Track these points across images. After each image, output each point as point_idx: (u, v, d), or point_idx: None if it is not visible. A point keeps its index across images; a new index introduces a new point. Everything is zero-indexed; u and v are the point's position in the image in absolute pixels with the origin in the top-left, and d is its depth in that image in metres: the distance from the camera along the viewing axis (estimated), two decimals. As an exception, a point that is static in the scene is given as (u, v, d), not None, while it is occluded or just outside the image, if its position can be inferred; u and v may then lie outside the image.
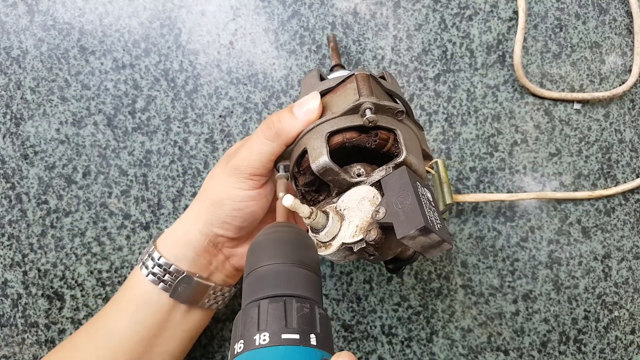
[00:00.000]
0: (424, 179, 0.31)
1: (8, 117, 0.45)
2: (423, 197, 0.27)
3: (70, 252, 0.44)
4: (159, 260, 0.34)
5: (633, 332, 0.44)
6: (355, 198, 0.29)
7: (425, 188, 0.28)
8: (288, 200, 0.26)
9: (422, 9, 0.46)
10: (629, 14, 0.46)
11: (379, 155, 0.31)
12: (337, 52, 0.42)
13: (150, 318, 0.34)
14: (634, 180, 0.45)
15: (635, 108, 0.46)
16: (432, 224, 0.25)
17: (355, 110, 0.30)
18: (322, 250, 0.29)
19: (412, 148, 0.30)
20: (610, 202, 0.45)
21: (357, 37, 0.45)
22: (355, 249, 0.28)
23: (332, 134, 0.30)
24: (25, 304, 0.44)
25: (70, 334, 0.42)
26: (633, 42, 0.46)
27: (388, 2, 0.46)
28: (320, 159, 0.29)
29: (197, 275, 0.35)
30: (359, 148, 0.31)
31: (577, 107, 0.46)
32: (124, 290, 0.36)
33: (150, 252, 0.35)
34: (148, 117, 0.45)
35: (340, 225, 0.29)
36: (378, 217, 0.27)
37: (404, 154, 0.29)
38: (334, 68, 0.40)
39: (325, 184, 0.32)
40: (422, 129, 0.36)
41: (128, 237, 0.44)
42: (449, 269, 0.45)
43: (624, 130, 0.46)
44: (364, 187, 0.29)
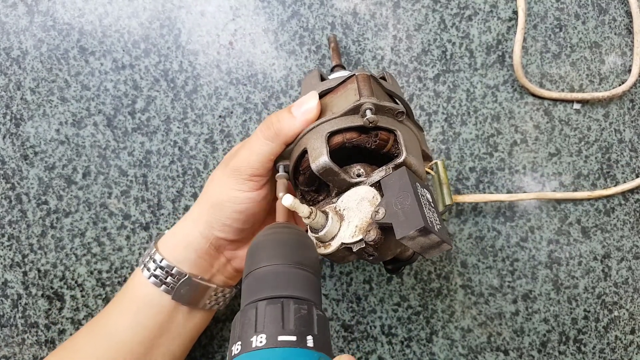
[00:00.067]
0: (424, 180, 0.31)
1: (8, 117, 0.45)
2: (422, 197, 0.27)
3: (70, 252, 0.44)
4: (161, 263, 0.34)
5: (633, 332, 0.44)
6: (355, 198, 0.29)
7: (425, 189, 0.28)
8: (287, 200, 0.26)
9: (421, 9, 0.46)
10: (629, 14, 0.46)
11: (379, 156, 0.31)
12: (337, 52, 0.42)
13: (152, 319, 0.34)
14: (634, 180, 0.45)
15: (635, 108, 0.46)
16: (431, 225, 0.25)
17: (356, 111, 0.30)
18: (321, 250, 0.29)
19: (412, 149, 0.30)
20: (610, 202, 0.45)
21: (356, 37, 0.45)
22: (355, 249, 0.28)
23: (332, 134, 0.30)
24: (25, 305, 0.44)
25: (71, 335, 0.42)
26: (633, 42, 0.46)
27: (388, 2, 0.46)
28: (320, 159, 0.29)
29: (198, 277, 0.35)
30: (359, 148, 0.31)
31: (576, 107, 0.46)
32: (125, 292, 0.36)
33: (152, 254, 0.35)
34: (148, 117, 0.45)
35: (340, 226, 0.29)
36: (377, 217, 0.27)
37: (404, 155, 0.29)
38: (335, 68, 0.40)
39: (325, 184, 0.32)
40: (422, 130, 0.36)
41: (128, 237, 0.44)
42: (449, 269, 0.45)
43: (624, 130, 0.46)
44: (364, 187, 0.29)
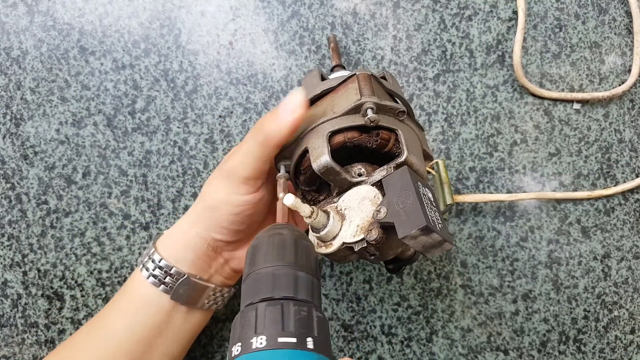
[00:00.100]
0: (425, 179, 0.31)
1: (8, 117, 0.45)
2: (424, 196, 0.27)
3: (70, 252, 0.44)
4: (160, 263, 0.34)
5: (633, 331, 0.44)
6: (356, 198, 0.29)
7: (427, 188, 0.28)
8: (289, 200, 0.26)
9: (421, 9, 0.46)
10: (629, 14, 0.46)
11: (380, 155, 0.31)
12: (337, 52, 0.42)
13: (151, 319, 0.34)
14: (634, 180, 0.45)
15: (635, 108, 0.46)
16: (433, 224, 0.25)
17: (357, 110, 0.30)
18: (322, 250, 0.29)
19: (413, 148, 0.30)
20: (610, 202, 0.45)
21: (356, 37, 0.45)
22: (356, 249, 0.28)
23: (333, 134, 0.30)
24: (25, 304, 0.44)
25: (70, 334, 0.42)
26: (632, 42, 0.46)
27: (387, 2, 0.46)
28: (322, 159, 0.29)
29: (197, 277, 0.35)
30: (360, 148, 0.31)
31: (576, 107, 0.46)
32: (124, 292, 0.36)
33: (151, 254, 0.35)
34: (148, 117, 0.45)
35: (341, 225, 0.29)
36: (379, 216, 0.26)
37: (405, 154, 0.29)
38: (335, 68, 0.40)
39: (326, 184, 0.32)
40: (422, 130, 0.36)
41: (128, 237, 0.44)
42: (449, 269, 0.45)
43: (624, 130, 0.46)
44: (365, 186, 0.29)
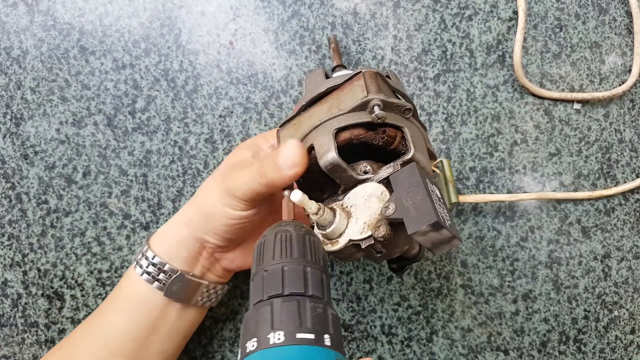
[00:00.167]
0: (431, 177, 0.31)
1: (8, 117, 0.45)
2: (432, 193, 0.26)
3: (70, 252, 0.44)
4: (153, 260, 0.34)
5: (633, 331, 0.44)
6: (363, 195, 0.29)
7: (434, 185, 0.28)
8: (296, 196, 0.26)
9: (422, 9, 0.46)
10: (629, 14, 0.46)
11: (386, 153, 0.31)
12: (338, 53, 0.42)
13: (145, 317, 0.35)
14: (634, 180, 0.45)
15: (635, 108, 0.46)
16: (443, 220, 0.25)
17: (363, 107, 0.30)
18: (328, 247, 0.29)
19: (419, 146, 0.30)
20: (610, 202, 0.45)
21: (357, 37, 0.45)
22: (363, 246, 0.28)
23: (339, 131, 0.30)
24: (25, 304, 0.44)
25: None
26: (633, 42, 0.46)
27: (388, 2, 0.46)
28: (328, 155, 0.28)
29: (190, 274, 0.35)
30: (365, 145, 0.30)
31: (577, 107, 0.46)
32: (119, 289, 0.36)
33: (144, 251, 0.35)
34: (148, 117, 0.45)
35: (347, 222, 0.28)
36: (388, 213, 0.26)
37: (412, 151, 0.29)
38: (336, 69, 0.40)
39: (330, 182, 0.32)
40: (425, 129, 0.36)
41: (128, 237, 0.44)
42: (449, 269, 0.45)
43: (624, 130, 0.46)
44: (372, 184, 0.29)
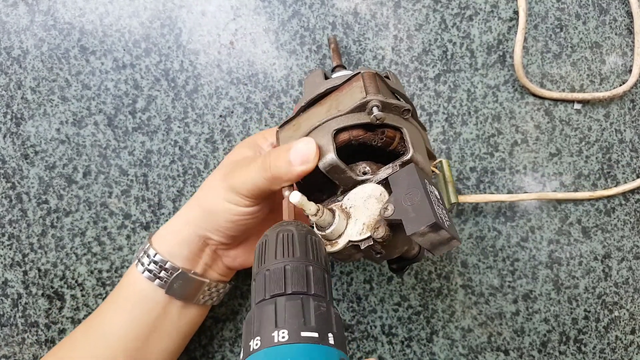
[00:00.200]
0: (430, 178, 0.31)
1: (8, 117, 0.45)
2: (431, 194, 0.27)
3: (71, 251, 0.44)
4: (155, 257, 0.34)
5: (633, 332, 0.44)
6: (362, 196, 0.29)
7: (433, 186, 0.28)
8: (295, 197, 0.26)
9: (422, 9, 0.46)
10: (629, 14, 0.46)
11: (384, 154, 0.31)
12: (338, 53, 0.42)
13: (146, 315, 0.35)
14: (635, 181, 0.45)
15: (636, 108, 0.46)
16: (441, 221, 0.25)
17: (362, 108, 0.30)
18: (328, 248, 0.29)
19: (418, 146, 0.30)
20: (611, 202, 0.45)
21: (357, 37, 0.45)
22: (363, 247, 0.28)
23: (338, 132, 0.30)
24: (26, 304, 0.44)
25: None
26: (633, 42, 0.46)
27: (388, 2, 0.46)
28: (327, 157, 0.28)
29: (192, 272, 0.35)
30: (364, 146, 0.30)
31: (577, 107, 0.46)
32: (120, 288, 0.36)
33: (146, 249, 0.35)
34: (148, 117, 0.45)
35: (347, 223, 0.28)
36: (387, 214, 0.26)
37: (411, 152, 0.29)
38: (336, 69, 0.40)
39: (328, 183, 0.32)
40: (425, 129, 0.36)
41: (128, 237, 0.44)
42: (449, 269, 0.45)
43: (624, 131, 0.46)
44: (371, 185, 0.29)
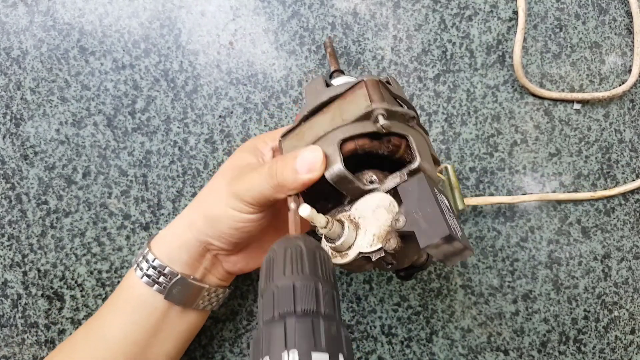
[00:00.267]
0: (437, 185, 0.31)
1: (8, 117, 0.45)
2: (442, 203, 0.26)
3: (70, 252, 0.44)
4: (154, 262, 0.34)
5: (633, 332, 0.44)
6: (370, 206, 0.28)
7: (442, 194, 0.28)
8: (305, 211, 0.26)
9: (421, 9, 0.46)
10: (629, 14, 0.46)
11: (390, 162, 0.30)
12: (335, 57, 0.41)
13: (146, 319, 0.34)
14: (634, 181, 0.45)
15: (635, 108, 0.46)
16: (454, 232, 0.24)
17: (367, 117, 0.29)
18: (337, 260, 0.28)
19: (424, 154, 0.30)
20: (610, 202, 0.45)
21: (356, 37, 0.45)
22: (374, 258, 0.27)
23: (343, 141, 0.29)
24: (25, 304, 0.44)
25: (70, 335, 0.42)
26: (633, 42, 0.46)
27: (388, 2, 0.46)
28: (334, 167, 0.28)
29: (191, 277, 0.35)
30: (369, 154, 0.30)
31: (577, 107, 0.46)
32: (119, 292, 0.36)
33: (145, 254, 0.35)
34: (148, 117, 0.45)
35: (356, 235, 0.28)
36: (398, 225, 0.26)
37: (419, 160, 0.28)
38: (334, 74, 0.39)
39: (334, 191, 0.31)
40: (427, 134, 0.35)
41: (128, 237, 0.44)
42: (449, 269, 0.45)
43: (624, 131, 0.46)
44: (379, 194, 0.28)
